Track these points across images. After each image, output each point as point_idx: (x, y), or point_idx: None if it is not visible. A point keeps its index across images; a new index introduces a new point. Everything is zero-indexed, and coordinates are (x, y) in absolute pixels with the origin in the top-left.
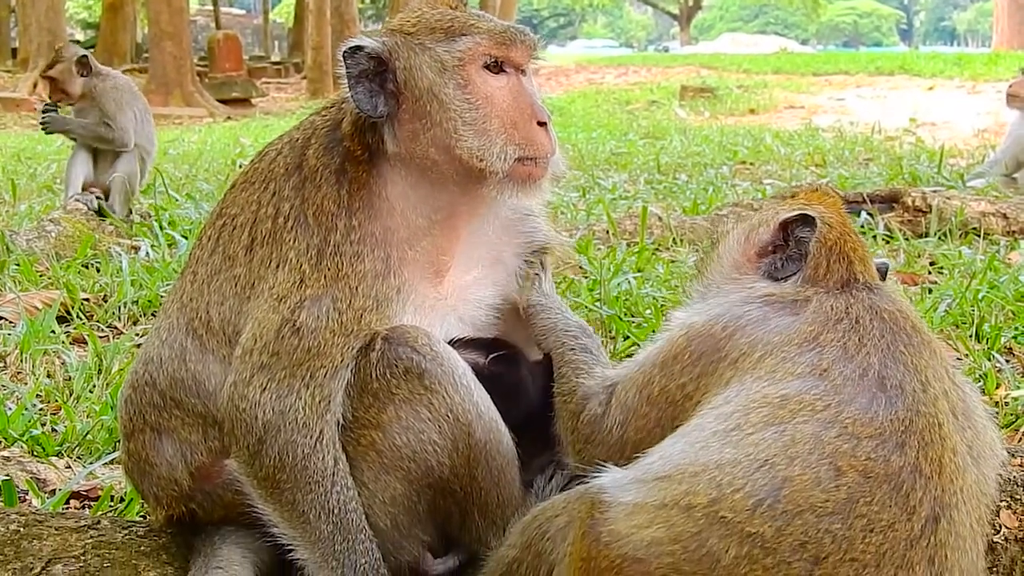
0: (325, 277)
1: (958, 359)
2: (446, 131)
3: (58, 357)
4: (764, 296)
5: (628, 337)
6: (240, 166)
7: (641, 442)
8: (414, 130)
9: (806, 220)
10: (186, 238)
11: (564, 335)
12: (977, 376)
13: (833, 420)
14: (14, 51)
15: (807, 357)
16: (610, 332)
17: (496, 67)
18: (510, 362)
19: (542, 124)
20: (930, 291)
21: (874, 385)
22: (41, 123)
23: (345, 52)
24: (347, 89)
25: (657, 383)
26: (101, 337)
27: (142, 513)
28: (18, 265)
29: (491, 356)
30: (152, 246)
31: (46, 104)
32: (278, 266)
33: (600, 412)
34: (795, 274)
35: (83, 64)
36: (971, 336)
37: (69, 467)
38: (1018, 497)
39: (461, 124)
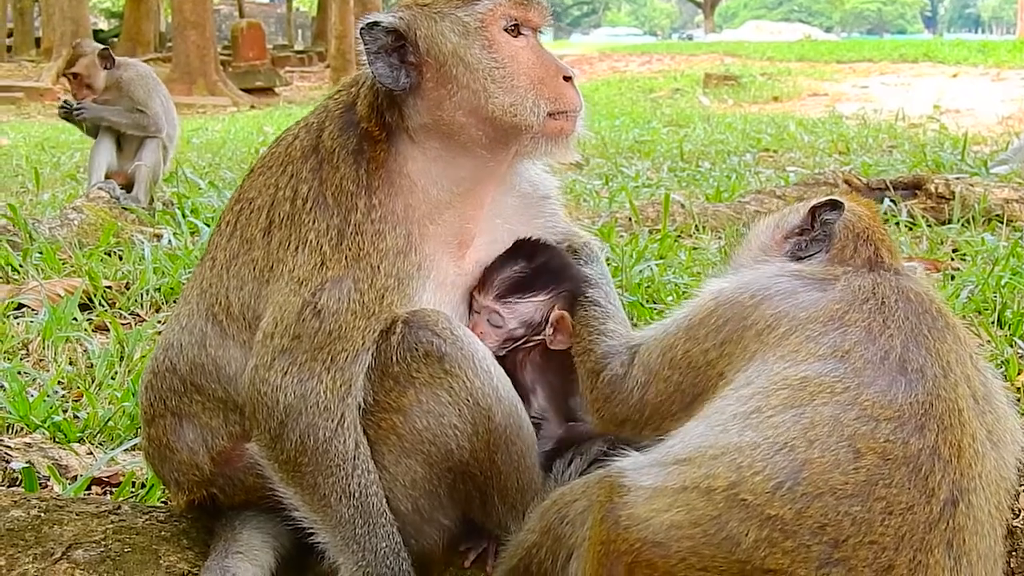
0: (346, 258)
1: (980, 345)
2: (475, 92)
3: (80, 344)
4: (794, 271)
5: (650, 324)
6: (263, 152)
7: (661, 405)
8: (439, 97)
9: (834, 205)
10: (208, 226)
11: (585, 298)
12: (999, 362)
13: (852, 402)
14: (38, 40)
15: (830, 337)
16: (632, 319)
17: (515, 29)
18: (540, 249)
19: (568, 79)
20: (952, 278)
21: (895, 368)
22: (76, 110)
23: (362, 29)
24: (367, 65)
25: (681, 347)
26: (123, 324)
27: (163, 499)
28: (41, 253)
29: (526, 255)
30: (175, 234)
31: (63, 104)
32: (297, 248)
33: (622, 372)
34: (817, 254)
35: (105, 56)
36: (993, 322)
37: (91, 453)
38: None
39: (491, 83)
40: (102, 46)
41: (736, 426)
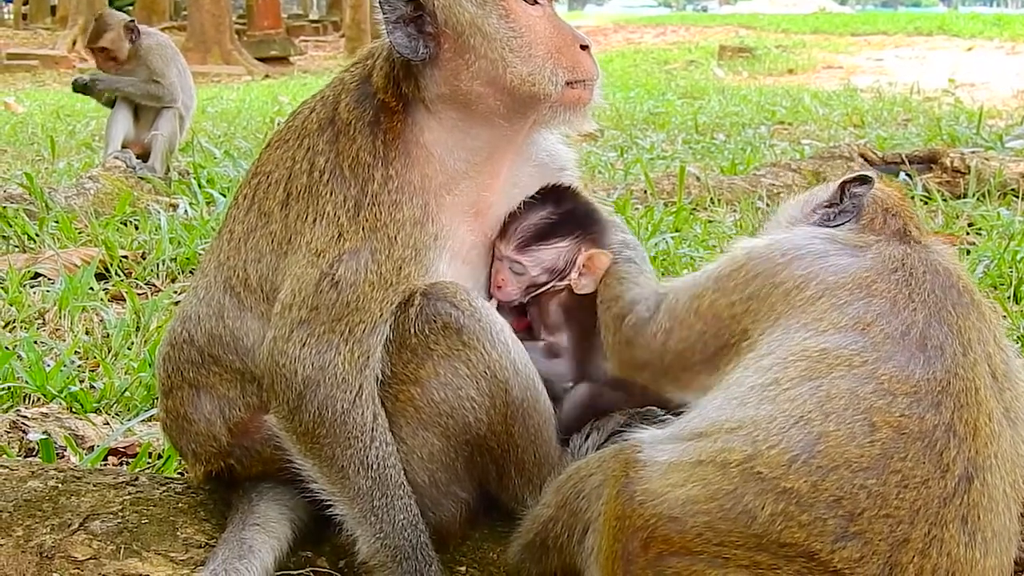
0: (363, 229)
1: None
2: (492, 62)
3: (96, 314)
4: (828, 235)
5: None
6: (278, 124)
7: (682, 354)
8: (456, 68)
9: (863, 180)
10: (224, 196)
11: (618, 254)
12: (1015, 338)
13: (869, 376)
14: (53, 8)
15: (855, 307)
16: None
17: None
18: (567, 196)
19: (584, 48)
20: (968, 252)
21: (914, 344)
22: (91, 81)
23: None
24: (386, 35)
25: (708, 297)
26: (139, 294)
27: (180, 470)
28: (57, 222)
29: (552, 201)
30: (190, 204)
31: (76, 79)
32: (315, 220)
33: (647, 316)
34: (847, 223)
35: (131, 29)
36: (1009, 297)
37: (107, 424)
38: None
39: (508, 52)
40: (128, 18)
41: (753, 399)
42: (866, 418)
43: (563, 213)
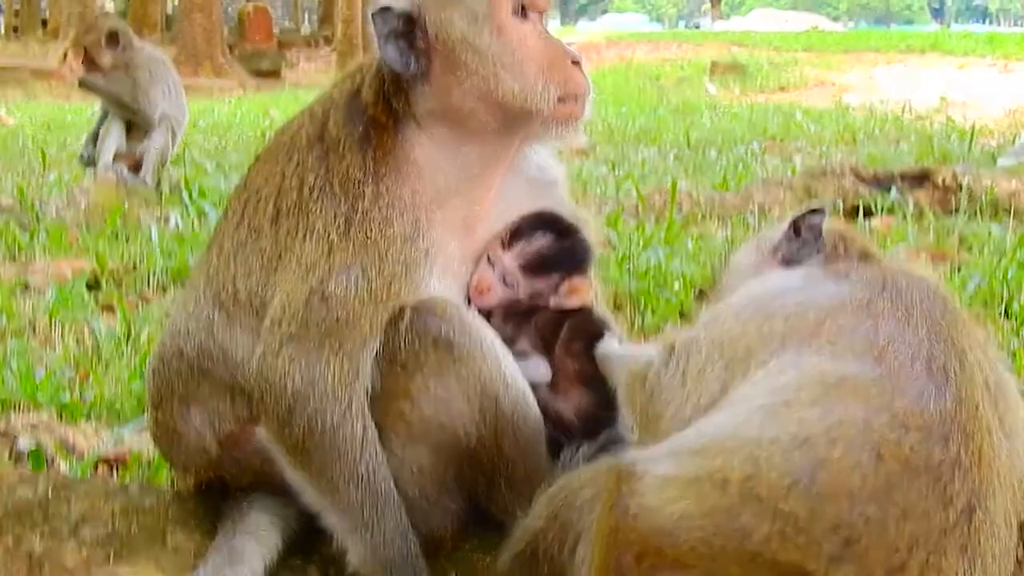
0: (354, 245)
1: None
2: (484, 78)
3: (87, 324)
4: (802, 274)
5: (656, 311)
6: (269, 138)
7: (699, 377)
8: (448, 84)
9: (814, 212)
10: (215, 208)
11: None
12: (1008, 353)
13: (885, 407)
14: (44, 21)
15: (864, 330)
16: (638, 306)
17: (522, 13)
18: (568, 231)
19: (575, 63)
20: (959, 269)
21: (924, 371)
22: (79, 80)
23: (375, 13)
24: (378, 49)
25: (702, 333)
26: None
27: (170, 478)
28: (48, 233)
29: (555, 232)
30: (181, 216)
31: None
32: (305, 237)
33: (663, 363)
34: (813, 257)
35: (111, 38)
36: (1000, 314)
37: (97, 432)
38: None
39: (500, 69)
40: (116, 27)
41: (758, 418)
42: (874, 449)
43: (564, 250)
